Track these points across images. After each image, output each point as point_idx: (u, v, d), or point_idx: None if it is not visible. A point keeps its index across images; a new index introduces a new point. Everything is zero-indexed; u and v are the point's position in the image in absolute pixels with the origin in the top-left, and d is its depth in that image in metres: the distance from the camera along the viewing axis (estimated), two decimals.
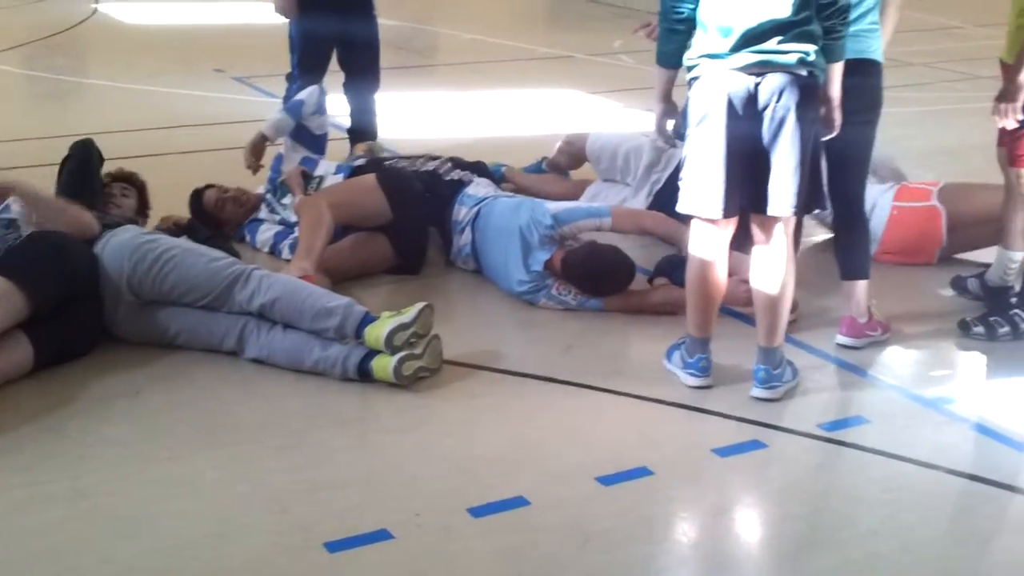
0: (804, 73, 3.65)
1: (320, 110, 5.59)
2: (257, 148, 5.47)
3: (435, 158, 5.37)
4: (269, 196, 5.38)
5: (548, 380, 4.08)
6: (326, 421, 3.76)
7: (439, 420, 3.79)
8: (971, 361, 4.35)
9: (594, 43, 10.37)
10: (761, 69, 3.64)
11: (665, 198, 5.26)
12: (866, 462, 3.60)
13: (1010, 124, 4.14)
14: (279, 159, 5.55)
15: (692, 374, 4.01)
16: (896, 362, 4.31)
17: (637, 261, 4.75)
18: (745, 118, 3.67)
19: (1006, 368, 4.26)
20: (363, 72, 6.35)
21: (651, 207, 5.35)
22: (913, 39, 10.53)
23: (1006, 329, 4.42)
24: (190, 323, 4.12)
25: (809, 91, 3.68)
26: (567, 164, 6.07)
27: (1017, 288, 4.55)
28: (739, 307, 4.54)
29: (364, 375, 3.94)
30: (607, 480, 3.41)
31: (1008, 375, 4.21)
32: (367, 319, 3.97)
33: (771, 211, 3.76)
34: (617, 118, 7.68)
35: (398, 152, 5.64)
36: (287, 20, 6.19)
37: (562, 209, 4.77)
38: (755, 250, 3.89)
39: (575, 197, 5.60)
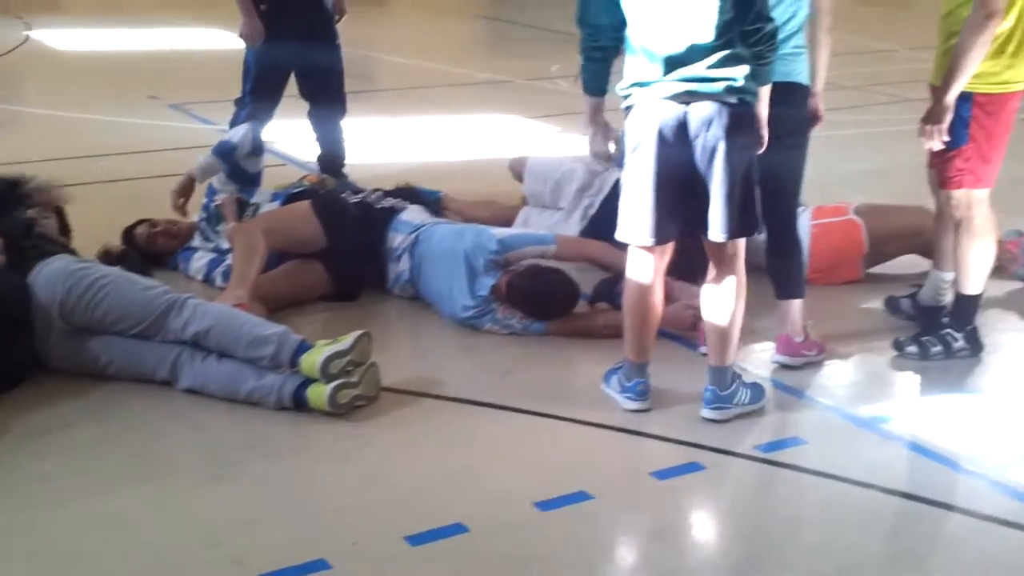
0: (734, 100, 3.67)
1: (256, 150, 5.43)
2: (184, 190, 5.34)
3: (361, 190, 5.33)
4: (203, 224, 5.32)
5: (488, 406, 4.06)
6: (261, 451, 3.71)
7: (377, 448, 3.75)
8: (905, 380, 4.39)
9: (532, 68, 10.42)
10: (689, 98, 3.66)
11: (600, 223, 5.28)
12: (804, 483, 3.62)
13: (937, 145, 4.20)
14: (211, 185, 5.48)
15: (629, 398, 4.01)
16: (832, 382, 4.34)
17: (579, 285, 4.75)
18: (676, 146, 3.69)
19: (939, 387, 4.31)
20: (330, 100, 6.38)
21: (584, 232, 5.36)
22: (847, 62, 10.68)
23: (938, 348, 4.47)
24: (122, 352, 4.05)
25: (739, 118, 3.70)
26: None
27: (949, 307, 4.61)
28: (683, 331, 4.57)
29: (299, 404, 3.89)
30: (546, 505, 3.39)
31: (941, 394, 4.26)
32: (303, 347, 3.93)
33: (709, 237, 3.79)
34: (554, 142, 7.70)
35: (353, 185, 5.59)
36: (244, 46, 6.16)
37: (508, 235, 4.77)
38: (709, 273, 3.92)
39: (508, 222, 5.61)
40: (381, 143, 7.68)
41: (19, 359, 4.05)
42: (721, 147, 3.66)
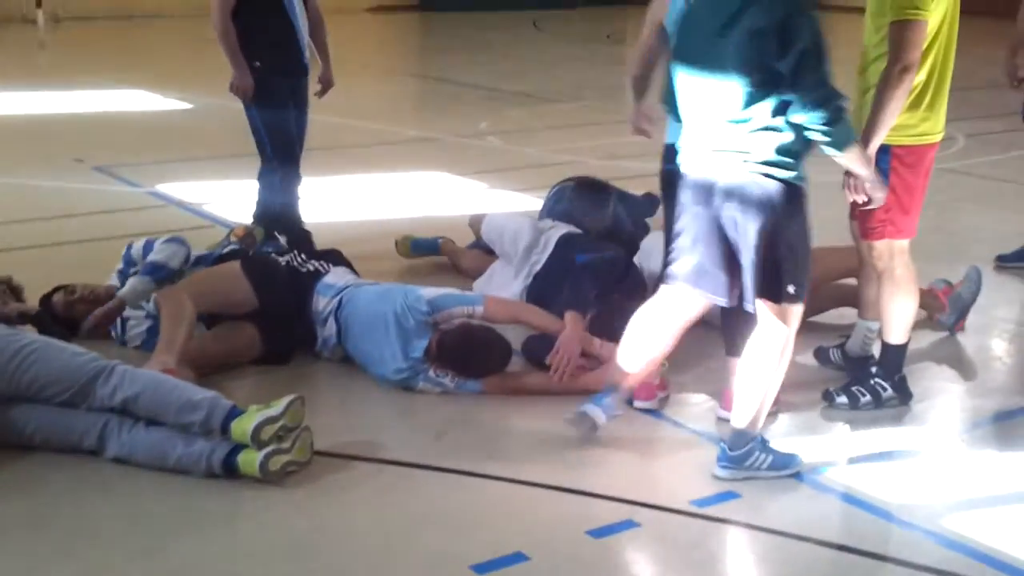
0: (760, 174, 3.71)
1: (189, 264, 5.20)
2: (111, 316, 4.97)
3: (286, 251, 5.28)
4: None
5: (423, 467, 4.02)
6: (191, 522, 3.64)
7: (310, 514, 3.69)
8: (837, 431, 4.42)
9: (461, 125, 10.46)
10: (716, 171, 3.78)
11: (544, 280, 5.29)
12: (739, 537, 3.63)
13: (860, 198, 4.28)
14: (129, 249, 5.36)
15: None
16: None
17: (513, 342, 4.74)
18: (709, 211, 3.83)
19: (870, 437, 4.35)
20: (297, 165, 6.38)
21: (529, 288, 5.36)
22: None
23: (868, 398, 4.52)
24: (48, 420, 3.96)
25: (765, 193, 3.72)
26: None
27: (876, 357, 4.67)
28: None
29: (230, 471, 3.83)
30: (482, 568, 3.36)
31: (872, 444, 4.29)
32: (233, 413, 3.87)
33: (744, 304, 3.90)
34: (483, 199, 7.73)
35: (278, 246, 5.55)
36: (245, 111, 6.18)
37: (437, 295, 4.75)
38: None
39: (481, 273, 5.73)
40: (311, 203, 7.63)
41: None
42: (741, 221, 3.75)
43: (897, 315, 4.48)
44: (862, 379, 4.57)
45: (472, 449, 4.18)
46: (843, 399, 4.53)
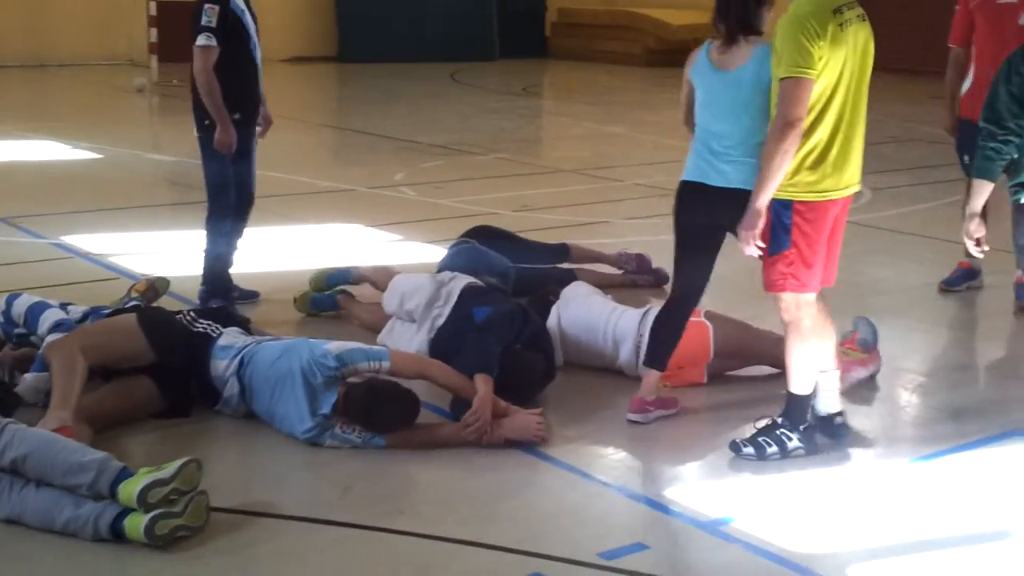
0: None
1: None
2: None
3: (178, 311, 5.18)
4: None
5: (327, 523, 3.95)
6: None
7: (210, 573, 3.60)
8: (744, 481, 4.43)
9: (376, 176, 10.43)
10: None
11: (447, 333, 5.26)
12: None
13: (754, 252, 4.33)
14: (9, 301, 5.20)
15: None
16: (672, 485, 4.37)
17: (423, 396, 4.69)
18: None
19: (777, 487, 4.36)
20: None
21: (433, 341, 5.33)
22: (674, 169, 10.99)
23: (774, 449, 4.54)
24: None
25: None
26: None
27: (781, 408, 4.69)
28: (529, 440, 4.58)
29: (118, 535, 3.71)
30: None
31: (779, 494, 4.31)
32: (123, 475, 3.76)
33: None
34: (396, 250, 7.70)
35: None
36: (209, 162, 6.20)
37: (344, 350, 4.67)
38: None
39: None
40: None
41: None
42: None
43: (799, 366, 4.53)
44: (768, 430, 4.59)
45: (379, 504, 4.13)
46: (749, 450, 4.55)
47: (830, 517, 4.12)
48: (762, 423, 4.60)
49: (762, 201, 4.31)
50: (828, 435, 4.65)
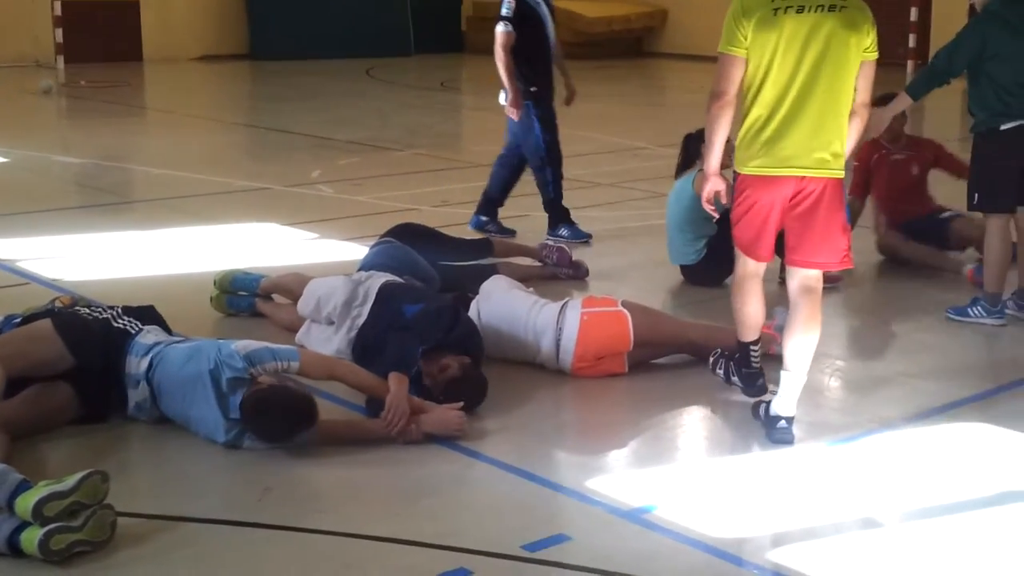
0: None
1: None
2: None
3: (100, 307, 5.07)
4: None
5: (247, 525, 3.90)
6: None
7: None
8: (666, 469, 4.44)
9: (292, 174, 10.31)
10: None
11: (369, 331, 5.19)
12: None
13: (710, 213, 4.86)
14: None
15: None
16: (595, 475, 4.37)
17: (341, 395, 4.64)
18: None
19: (698, 474, 4.39)
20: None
21: (355, 341, 5.26)
22: (600, 160, 11.06)
23: (721, 373, 5.13)
24: None
25: None
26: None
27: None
28: (451, 435, 4.56)
29: (15, 550, 3.61)
30: None
31: (700, 481, 4.33)
32: (21, 487, 3.66)
33: None
34: (314, 248, 7.62)
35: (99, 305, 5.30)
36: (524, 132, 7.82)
37: (252, 349, 4.58)
38: None
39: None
40: (133, 257, 7.42)
41: None
42: None
43: (735, 316, 4.95)
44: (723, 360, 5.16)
45: (300, 503, 4.08)
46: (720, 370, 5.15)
47: (750, 502, 4.16)
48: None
49: (707, 166, 4.77)
50: (768, 436, 4.67)
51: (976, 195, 6.10)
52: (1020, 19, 5.93)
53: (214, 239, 7.91)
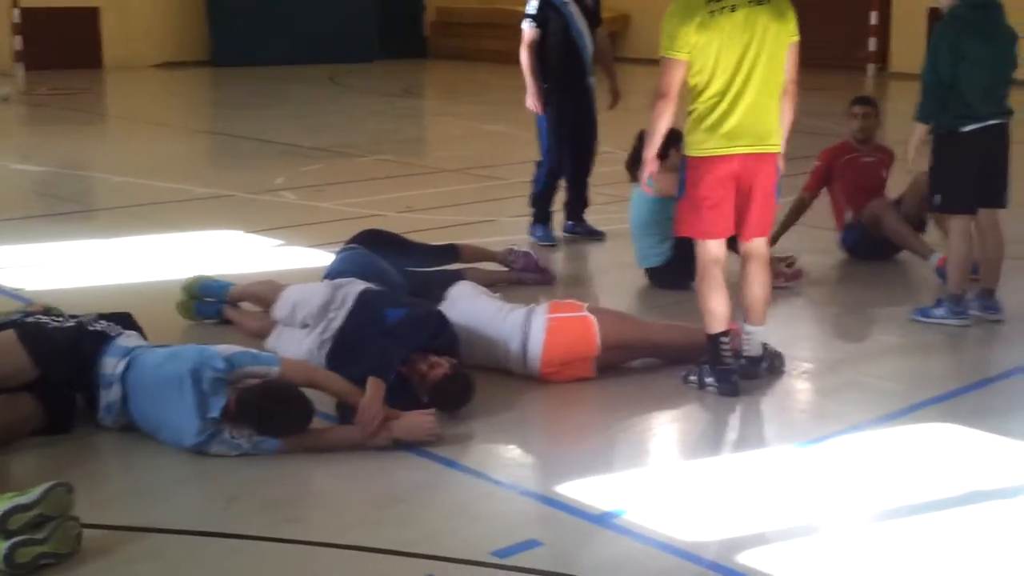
0: None
1: None
2: None
3: (76, 315, 5.02)
4: None
5: (213, 535, 3.86)
6: None
7: None
8: (636, 474, 4.43)
9: (256, 182, 10.25)
10: None
11: (347, 336, 5.15)
12: None
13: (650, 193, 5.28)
14: None
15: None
16: (564, 480, 4.36)
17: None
18: None
19: (668, 478, 4.39)
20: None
21: (332, 346, 5.21)
22: None
23: (694, 379, 5.17)
24: None
25: None
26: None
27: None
28: (422, 441, 4.54)
29: None
30: None
31: (670, 485, 4.33)
32: None
33: None
34: (278, 255, 7.57)
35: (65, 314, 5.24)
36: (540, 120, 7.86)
37: (233, 352, 4.58)
38: None
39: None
40: (96, 266, 7.34)
41: None
42: None
43: (701, 307, 5.13)
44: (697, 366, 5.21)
45: (267, 512, 4.05)
46: (693, 378, 5.19)
47: (720, 505, 4.16)
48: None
49: (646, 152, 5.15)
50: (748, 375, 5.19)
51: (938, 196, 6.16)
52: (989, 24, 5.99)
53: (178, 247, 7.84)
